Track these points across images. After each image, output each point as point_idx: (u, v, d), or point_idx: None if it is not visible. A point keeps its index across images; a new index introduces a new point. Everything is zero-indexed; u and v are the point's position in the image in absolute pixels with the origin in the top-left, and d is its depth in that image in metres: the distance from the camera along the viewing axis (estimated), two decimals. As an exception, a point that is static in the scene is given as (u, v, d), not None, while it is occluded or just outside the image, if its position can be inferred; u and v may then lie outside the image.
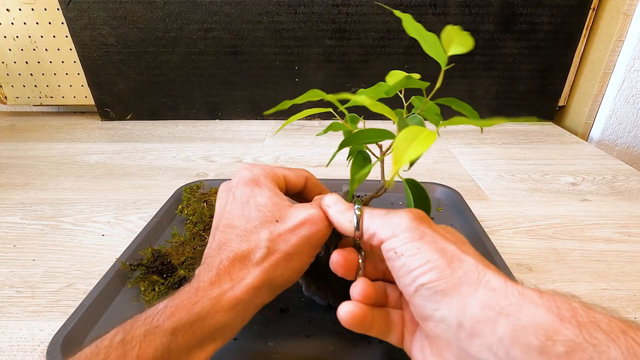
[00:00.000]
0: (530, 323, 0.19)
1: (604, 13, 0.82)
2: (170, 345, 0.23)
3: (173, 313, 0.24)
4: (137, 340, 0.23)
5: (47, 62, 0.92)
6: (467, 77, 0.89)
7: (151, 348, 0.23)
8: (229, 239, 0.29)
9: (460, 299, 0.22)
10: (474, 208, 0.52)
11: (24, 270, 0.44)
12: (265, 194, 0.30)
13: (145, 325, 0.24)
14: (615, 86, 0.83)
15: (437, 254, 0.24)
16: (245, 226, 0.29)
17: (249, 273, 0.27)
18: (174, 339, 0.24)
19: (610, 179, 0.66)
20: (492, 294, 0.21)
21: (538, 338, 0.19)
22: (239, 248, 0.28)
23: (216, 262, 0.27)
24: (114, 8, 0.81)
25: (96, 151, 0.77)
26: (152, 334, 0.23)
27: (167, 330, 0.24)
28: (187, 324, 0.24)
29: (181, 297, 0.25)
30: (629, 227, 0.52)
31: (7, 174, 0.67)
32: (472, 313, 0.21)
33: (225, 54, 0.87)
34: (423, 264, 0.23)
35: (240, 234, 0.28)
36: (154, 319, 0.24)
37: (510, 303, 0.20)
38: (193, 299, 0.25)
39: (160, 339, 0.23)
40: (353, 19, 0.83)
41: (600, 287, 0.41)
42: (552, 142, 0.83)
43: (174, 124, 0.94)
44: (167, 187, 0.62)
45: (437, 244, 0.24)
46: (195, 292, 0.26)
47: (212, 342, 0.26)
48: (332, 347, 0.33)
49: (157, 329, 0.24)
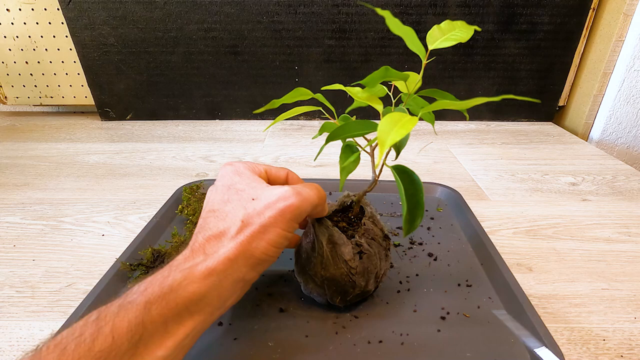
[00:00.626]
0: None
1: (604, 13, 0.82)
2: (144, 319, 0.23)
3: (146, 288, 0.25)
4: (111, 316, 0.23)
5: (47, 62, 0.92)
6: (467, 77, 0.89)
7: (124, 322, 0.23)
8: (208, 221, 0.30)
9: None
10: (474, 208, 0.52)
11: (24, 270, 0.44)
12: (244, 180, 0.31)
13: (119, 302, 0.24)
14: (615, 86, 0.83)
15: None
16: (224, 208, 0.30)
17: (223, 246, 0.28)
18: (147, 313, 0.24)
19: (610, 179, 0.66)
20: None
21: None
22: (216, 227, 0.29)
23: (191, 242, 0.29)
24: (114, 8, 0.81)
25: (96, 151, 0.77)
26: (125, 309, 0.24)
27: (140, 304, 0.24)
28: (160, 297, 0.24)
29: (155, 274, 0.26)
30: (629, 227, 0.52)
31: (7, 174, 0.67)
32: None
33: (225, 54, 0.87)
34: None
35: (218, 216, 0.30)
36: (128, 296, 0.25)
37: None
38: (165, 274, 0.26)
39: (133, 313, 0.23)
40: (353, 19, 0.83)
41: (600, 287, 0.41)
42: (552, 142, 0.83)
43: (174, 124, 0.94)
44: (167, 187, 0.62)
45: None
46: (168, 268, 0.26)
47: (189, 316, 0.26)
48: (332, 347, 0.33)
49: (130, 304, 0.24)
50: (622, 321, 0.37)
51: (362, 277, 0.34)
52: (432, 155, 0.76)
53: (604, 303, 0.39)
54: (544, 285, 0.41)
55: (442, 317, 0.36)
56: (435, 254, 0.44)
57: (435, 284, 0.40)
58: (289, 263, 0.42)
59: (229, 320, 0.35)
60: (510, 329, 0.34)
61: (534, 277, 0.43)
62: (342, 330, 0.34)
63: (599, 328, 0.36)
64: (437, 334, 0.34)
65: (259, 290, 0.39)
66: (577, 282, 0.42)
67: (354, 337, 0.33)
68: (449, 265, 0.42)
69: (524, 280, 0.42)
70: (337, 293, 0.34)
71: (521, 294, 0.36)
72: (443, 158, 0.75)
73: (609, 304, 0.39)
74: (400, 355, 0.32)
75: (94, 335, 0.22)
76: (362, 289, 0.34)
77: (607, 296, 0.40)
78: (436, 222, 0.50)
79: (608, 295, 0.40)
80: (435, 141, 0.83)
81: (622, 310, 0.38)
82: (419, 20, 0.81)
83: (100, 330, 0.22)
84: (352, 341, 0.33)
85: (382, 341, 0.33)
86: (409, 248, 0.45)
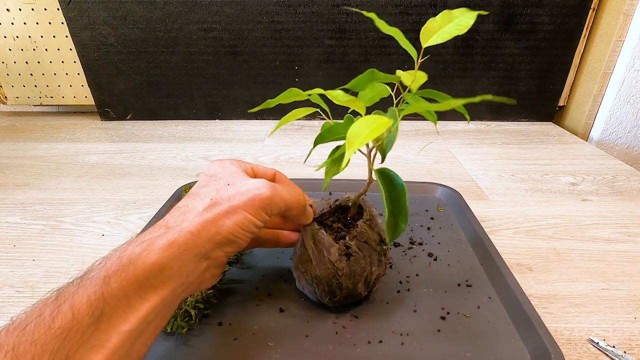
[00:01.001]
0: None
1: (604, 13, 0.82)
2: (103, 293, 0.23)
3: (104, 264, 0.25)
4: (70, 293, 0.23)
5: (47, 62, 0.92)
6: (467, 77, 0.89)
7: (84, 298, 0.23)
8: (180, 203, 0.30)
9: None
10: (474, 208, 0.52)
11: (24, 270, 0.44)
12: (226, 171, 0.32)
13: (78, 280, 0.24)
14: (615, 86, 0.83)
15: None
16: (199, 191, 0.31)
17: (187, 220, 0.28)
18: (106, 286, 0.23)
19: (610, 179, 0.66)
20: None
21: None
22: (185, 206, 0.29)
23: (159, 220, 0.29)
24: (114, 8, 0.81)
25: (96, 151, 0.77)
26: (84, 285, 0.24)
27: (99, 278, 0.24)
28: (119, 269, 0.24)
29: (114, 250, 0.26)
30: (629, 227, 0.52)
31: (7, 174, 0.67)
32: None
33: (225, 54, 0.87)
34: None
35: (191, 197, 0.30)
36: (87, 274, 0.24)
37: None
38: (124, 247, 0.26)
39: (92, 288, 0.23)
40: (353, 19, 0.83)
41: (600, 287, 0.41)
42: (552, 142, 0.83)
43: (174, 124, 0.94)
44: (167, 187, 0.62)
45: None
46: (127, 242, 0.27)
47: (152, 289, 0.25)
48: (332, 347, 0.33)
49: (89, 280, 0.24)
50: (622, 321, 0.37)
51: (349, 279, 0.33)
52: (432, 155, 0.76)
53: (604, 303, 0.39)
54: (544, 285, 0.41)
55: (442, 317, 0.36)
56: (435, 254, 0.44)
57: (435, 284, 0.40)
58: (289, 263, 0.42)
59: (229, 320, 0.35)
60: (510, 329, 0.34)
61: (534, 277, 0.43)
62: (342, 330, 0.34)
63: (599, 328, 0.36)
64: (437, 334, 0.34)
65: (259, 290, 0.39)
66: (577, 282, 0.42)
67: (354, 337, 0.33)
68: (449, 265, 0.42)
69: (524, 280, 0.42)
70: (325, 293, 0.34)
71: (521, 294, 0.36)
72: (443, 158, 0.75)
73: (609, 304, 0.39)
74: (400, 355, 0.32)
75: (53, 314, 0.22)
76: (349, 291, 0.34)
77: (607, 296, 0.40)
78: (436, 222, 0.50)
79: (608, 295, 0.40)
80: (435, 141, 0.83)
81: (622, 310, 0.38)
82: (419, 20, 0.81)
83: (60, 307, 0.22)
84: (352, 341, 0.33)
85: (382, 341, 0.33)
86: (409, 248, 0.45)
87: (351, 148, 0.23)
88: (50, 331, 0.21)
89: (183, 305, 0.34)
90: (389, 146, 0.31)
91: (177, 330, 0.33)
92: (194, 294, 0.35)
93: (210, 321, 0.35)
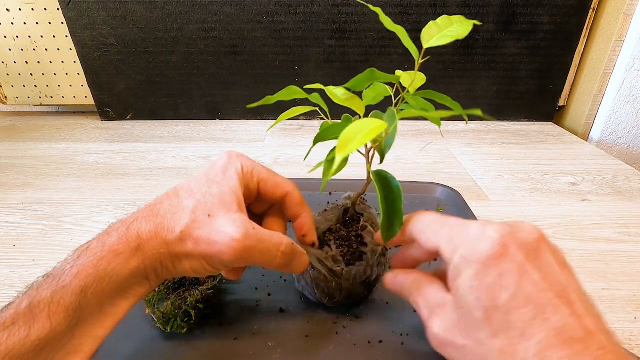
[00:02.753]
0: None
1: (604, 13, 0.82)
2: (80, 304, 0.24)
3: (80, 272, 0.24)
4: (45, 302, 0.23)
5: (47, 62, 0.92)
6: (467, 77, 0.89)
7: (61, 308, 0.23)
8: (164, 204, 0.28)
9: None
10: (474, 208, 0.52)
11: (24, 270, 0.44)
12: (221, 187, 0.29)
13: (52, 287, 0.24)
14: (615, 86, 0.83)
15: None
16: (183, 201, 0.28)
17: (156, 243, 0.27)
18: (83, 297, 0.24)
19: (610, 179, 0.66)
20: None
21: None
22: (163, 216, 0.27)
23: (132, 219, 0.28)
24: (114, 8, 0.81)
25: (96, 151, 0.77)
26: (60, 294, 0.23)
27: (76, 289, 0.24)
28: (95, 281, 0.24)
29: (88, 254, 0.25)
30: (629, 227, 0.52)
31: (7, 174, 0.67)
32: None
33: (225, 54, 0.87)
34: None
35: (174, 205, 0.28)
36: (60, 279, 0.24)
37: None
38: (98, 254, 0.25)
39: (69, 299, 0.23)
40: (353, 19, 0.83)
41: (600, 287, 0.41)
42: (552, 142, 0.83)
43: (174, 124, 0.94)
44: (167, 187, 0.61)
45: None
46: (102, 247, 0.26)
47: (125, 299, 0.26)
48: (332, 347, 0.33)
49: (65, 289, 0.24)
50: (622, 321, 0.37)
51: (349, 281, 0.33)
52: (432, 155, 0.76)
53: (604, 303, 0.39)
54: (544, 285, 0.41)
55: (442, 317, 0.36)
56: (435, 254, 0.44)
57: (435, 284, 0.40)
58: (289, 263, 0.42)
59: (229, 320, 0.35)
60: (510, 329, 0.34)
61: (534, 277, 0.43)
62: (342, 330, 0.34)
63: (599, 328, 0.36)
64: (437, 334, 0.34)
65: (259, 290, 0.39)
66: (577, 282, 0.42)
67: (354, 337, 0.33)
68: (449, 265, 0.42)
69: (524, 280, 0.42)
70: (325, 294, 0.34)
71: (521, 294, 0.36)
72: (443, 158, 0.75)
73: (609, 304, 0.39)
74: (400, 355, 0.32)
75: (29, 323, 0.22)
76: (349, 291, 0.34)
77: (607, 296, 0.40)
78: (436, 222, 0.50)
79: (608, 295, 0.40)
80: (435, 141, 0.83)
81: (622, 310, 0.38)
82: (419, 20, 0.81)
83: (36, 317, 0.22)
84: (352, 341, 0.33)
85: (382, 341, 0.33)
86: (409, 248, 0.45)
87: (341, 152, 0.22)
88: (28, 341, 0.22)
89: (183, 305, 0.34)
90: (387, 147, 0.31)
91: (177, 330, 0.33)
92: (194, 294, 0.35)
93: (210, 321, 0.35)
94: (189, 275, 0.29)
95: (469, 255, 0.24)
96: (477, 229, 0.25)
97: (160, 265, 0.27)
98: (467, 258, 0.24)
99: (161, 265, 0.27)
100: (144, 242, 0.27)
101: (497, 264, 0.23)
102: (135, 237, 0.27)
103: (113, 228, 0.27)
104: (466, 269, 0.24)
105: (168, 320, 0.33)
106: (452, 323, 0.25)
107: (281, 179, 0.33)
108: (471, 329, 0.24)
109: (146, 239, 0.27)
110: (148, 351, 0.32)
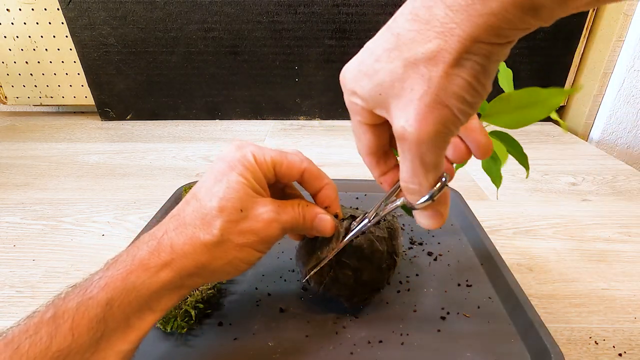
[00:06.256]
0: None
1: (604, 13, 0.82)
2: (105, 316, 0.23)
3: (107, 284, 0.24)
4: (70, 313, 0.22)
5: (47, 62, 0.92)
6: (467, 77, 0.89)
7: (85, 320, 0.22)
8: (186, 211, 0.28)
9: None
10: (474, 208, 0.52)
11: (24, 270, 0.44)
12: (240, 180, 0.28)
13: (78, 298, 0.23)
14: (615, 86, 0.83)
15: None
16: (206, 204, 0.27)
17: (194, 252, 0.26)
18: (108, 310, 0.23)
19: (610, 179, 0.66)
20: None
21: None
22: (192, 224, 0.27)
23: (161, 232, 0.27)
24: (114, 8, 0.81)
25: (96, 151, 0.77)
26: (85, 305, 0.23)
27: (101, 301, 0.23)
28: (122, 294, 0.24)
29: (117, 266, 0.25)
30: (629, 227, 0.52)
31: (7, 174, 0.67)
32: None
33: (225, 54, 0.87)
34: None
35: (197, 209, 0.27)
36: (87, 290, 0.24)
37: None
38: (128, 267, 0.25)
39: (94, 310, 0.23)
40: (353, 19, 0.83)
41: (600, 287, 0.41)
42: (552, 142, 0.83)
43: (174, 124, 0.94)
44: (167, 187, 0.62)
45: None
46: (131, 260, 0.25)
47: (151, 312, 0.25)
48: (332, 347, 0.33)
49: (91, 301, 0.23)
50: (622, 321, 0.37)
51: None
52: (432, 155, 0.76)
53: (604, 303, 0.39)
54: (544, 285, 0.41)
55: (442, 317, 0.36)
56: (435, 254, 0.44)
57: (435, 284, 0.40)
58: (290, 263, 0.42)
59: (229, 320, 0.35)
60: (510, 329, 0.34)
61: (534, 277, 0.43)
62: (342, 330, 0.34)
63: (599, 328, 0.36)
64: (437, 334, 0.34)
65: (259, 290, 0.39)
66: (577, 282, 0.42)
67: (354, 337, 0.33)
68: (449, 265, 0.42)
69: (524, 280, 0.42)
70: (329, 287, 0.33)
71: (521, 294, 0.36)
72: (443, 158, 0.74)
73: (609, 304, 0.39)
74: (400, 355, 0.32)
75: (51, 334, 0.22)
76: (371, 273, 0.34)
77: (607, 296, 0.40)
78: (436, 222, 0.50)
79: (608, 295, 0.40)
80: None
81: (622, 310, 0.38)
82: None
83: (59, 328, 0.22)
84: (352, 341, 0.33)
85: (382, 341, 0.33)
86: (409, 248, 0.45)
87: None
88: (49, 352, 0.21)
89: (183, 305, 0.34)
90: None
91: (177, 330, 0.33)
92: (194, 295, 0.35)
93: (210, 321, 0.35)
94: (226, 276, 0.29)
95: None
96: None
97: (196, 274, 0.27)
98: None
99: (197, 274, 0.27)
100: (177, 255, 0.26)
101: None
102: (169, 250, 0.26)
103: (143, 241, 0.27)
104: None
105: (168, 320, 0.33)
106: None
107: (293, 157, 0.32)
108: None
109: (180, 251, 0.26)
110: (148, 351, 0.32)
